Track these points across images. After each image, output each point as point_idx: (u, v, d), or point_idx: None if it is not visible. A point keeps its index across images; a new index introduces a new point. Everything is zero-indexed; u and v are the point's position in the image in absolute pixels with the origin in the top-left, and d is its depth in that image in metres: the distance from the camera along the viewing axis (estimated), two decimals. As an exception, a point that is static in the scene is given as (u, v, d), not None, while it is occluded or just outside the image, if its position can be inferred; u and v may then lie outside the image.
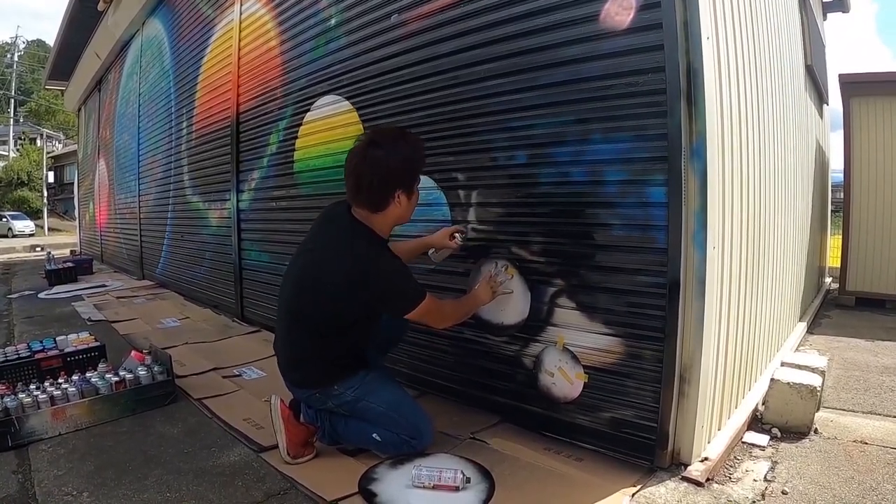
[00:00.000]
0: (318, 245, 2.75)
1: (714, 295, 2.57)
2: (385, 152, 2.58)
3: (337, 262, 2.59)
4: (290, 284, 2.79)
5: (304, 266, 2.74)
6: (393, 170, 2.59)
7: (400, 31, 3.63)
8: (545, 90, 2.86)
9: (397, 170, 2.61)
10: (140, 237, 9.63)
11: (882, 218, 7.27)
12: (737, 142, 2.87)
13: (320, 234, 2.80)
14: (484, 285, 3.00)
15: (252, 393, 3.62)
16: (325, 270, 2.61)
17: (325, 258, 2.65)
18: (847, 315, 6.81)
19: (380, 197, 2.63)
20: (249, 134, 5.66)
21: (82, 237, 15.76)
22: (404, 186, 2.65)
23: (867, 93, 7.42)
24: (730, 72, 2.76)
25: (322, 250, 2.69)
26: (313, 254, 2.73)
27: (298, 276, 2.74)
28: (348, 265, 2.56)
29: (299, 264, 2.78)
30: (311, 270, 2.68)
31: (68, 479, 2.58)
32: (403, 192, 2.65)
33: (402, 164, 2.62)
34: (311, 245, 2.79)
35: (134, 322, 6.00)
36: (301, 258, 2.80)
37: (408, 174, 2.67)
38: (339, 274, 2.57)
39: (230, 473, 2.64)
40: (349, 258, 2.57)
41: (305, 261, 2.76)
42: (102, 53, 11.12)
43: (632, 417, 2.67)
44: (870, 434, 3.11)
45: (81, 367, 3.64)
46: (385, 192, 2.62)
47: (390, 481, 2.51)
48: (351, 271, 2.55)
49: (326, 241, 2.73)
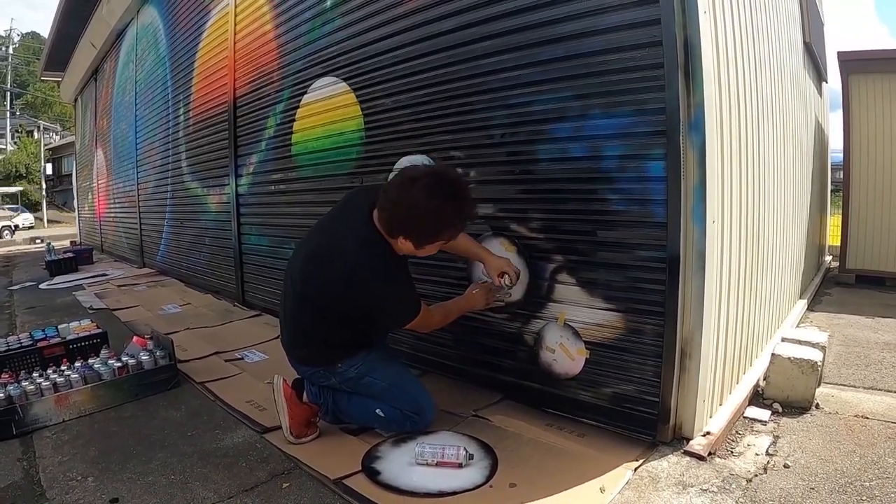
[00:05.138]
0: (331, 230, 2.69)
1: (714, 269, 2.56)
2: (415, 198, 2.37)
3: (341, 257, 2.54)
4: (299, 266, 2.73)
5: (315, 249, 2.69)
6: (409, 217, 2.42)
7: (396, 10, 3.60)
8: (544, 66, 2.84)
9: (414, 221, 2.43)
10: (139, 225, 9.63)
11: (882, 194, 7.25)
12: (735, 116, 2.85)
13: (335, 220, 2.74)
14: (482, 293, 2.96)
15: (254, 375, 3.63)
16: (333, 258, 2.57)
17: (335, 246, 2.59)
18: (847, 292, 6.81)
19: (390, 228, 2.50)
20: (247, 118, 5.64)
21: (82, 227, 15.75)
22: (415, 239, 2.49)
23: (866, 70, 7.39)
24: (727, 46, 2.74)
25: (335, 237, 2.64)
26: (325, 238, 2.67)
27: (308, 258, 2.70)
28: (347, 269, 2.52)
29: (311, 245, 2.73)
30: (320, 256, 2.64)
31: (73, 465, 2.59)
32: (412, 241, 2.49)
33: (423, 219, 2.41)
34: (324, 228, 2.73)
35: (135, 309, 6.01)
36: (313, 240, 2.74)
37: (424, 232, 2.48)
38: (339, 273, 2.53)
39: (234, 455, 2.66)
40: (350, 260, 2.52)
41: (317, 243, 2.70)
42: (98, 43, 11.06)
43: (633, 392, 2.68)
44: (871, 409, 3.11)
45: (84, 354, 3.65)
46: (394, 228, 2.48)
47: (393, 459, 2.52)
48: (347, 278, 2.52)
49: (339, 228, 2.67)
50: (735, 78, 2.86)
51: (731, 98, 2.78)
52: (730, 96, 2.76)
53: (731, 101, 2.79)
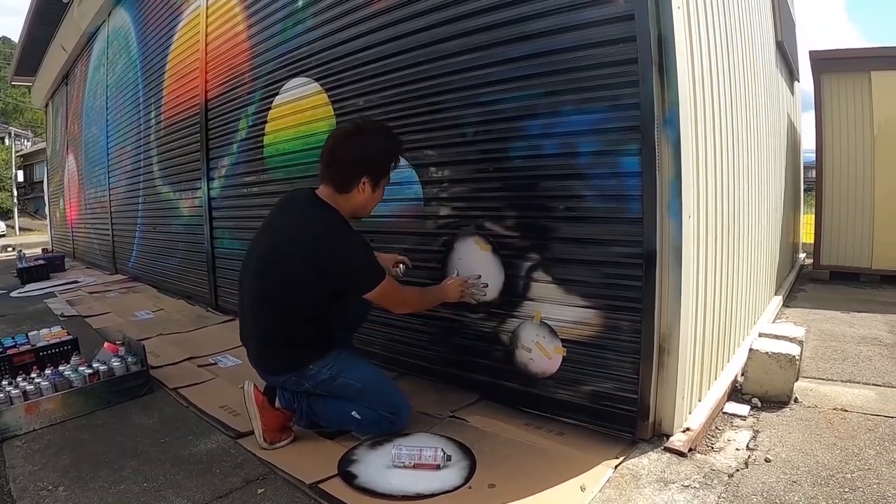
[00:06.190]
0: (278, 227, 2.73)
1: (691, 264, 2.56)
2: (366, 139, 2.67)
3: (301, 239, 2.56)
4: (251, 271, 2.74)
5: (267, 249, 2.69)
6: (368, 155, 2.65)
7: (367, 10, 3.58)
8: (515, 63, 2.83)
9: (372, 156, 2.67)
10: (111, 231, 9.48)
11: (855, 190, 7.36)
12: (710, 111, 2.85)
13: (280, 217, 2.78)
14: (455, 284, 3.00)
15: (228, 380, 3.58)
16: (290, 249, 2.57)
17: (288, 237, 2.61)
18: (822, 288, 6.89)
19: (348, 177, 2.65)
20: (218, 121, 5.58)
21: (53, 235, 15.52)
22: (373, 175, 2.68)
23: (838, 69, 7.50)
24: (701, 41, 2.75)
25: (284, 230, 2.68)
26: (275, 235, 2.70)
27: (262, 258, 2.70)
28: (312, 240, 2.54)
29: (260, 249, 2.74)
30: (275, 251, 2.64)
31: (44, 474, 2.53)
32: (370, 180, 2.68)
33: (378, 152, 2.69)
34: (271, 228, 2.76)
35: (107, 316, 5.92)
36: (261, 242, 2.76)
37: (380, 164, 2.71)
38: (303, 249, 2.53)
39: (207, 461, 2.61)
40: (313, 232, 2.56)
41: (267, 243, 2.72)
42: (69, 46, 10.91)
43: (612, 390, 2.66)
44: (850, 402, 3.13)
45: (54, 362, 3.56)
46: (354, 173, 2.64)
47: (370, 462, 2.49)
48: (315, 246, 2.52)
49: (288, 221, 2.71)
50: (709, 73, 2.86)
51: (705, 93, 2.78)
52: (704, 91, 2.76)
53: (706, 96, 2.79)
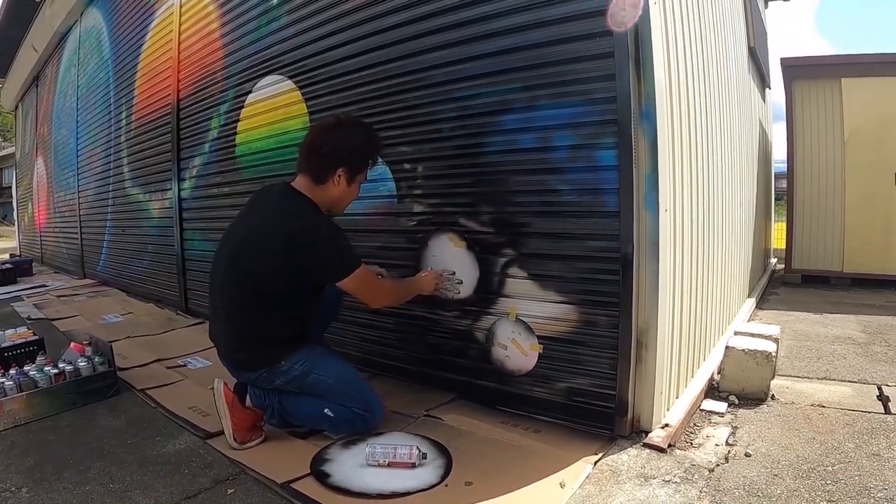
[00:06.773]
0: (251, 220, 2.71)
1: (668, 258, 2.55)
2: (346, 131, 2.70)
3: (275, 228, 2.54)
4: (223, 268, 2.70)
5: (238, 244, 2.66)
6: (346, 147, 2.66)
7: (341, 7, 3.55)
8: (490, 59, 2.82)
9: (350, 149, 2.67)
10: (80, 235, 9.29)
11: (826, 195, 7.48)
12: (685, 106, 2.87)
13: (252, 211, 2.76)
14: (430, 277, 3.01)
15: (197, 382, 3.51)
16: (264, 240, 2.54)
17: (262, 228, 2.60)
18: (794, 291, 6.99)
19: (325, 167, 2.64)
20: (190, 120, 5.50)
21: (22, 240, 15.18)
22: (349, 168, 2.67)
23: (809, 76, 7.63)
24: (677, 37, 2.76)
25: (258, 221, 2.66)
26: (248, 229, 2.67)
27: (233, 254, 2.65)
28: (287, 228, 2.52)
29: (231, 244, 2.70)
30: (248, 245, 2.60)
31: (6, 476, 2.44)
32: (346, 173, 2.67)
33: (356, 145, 2.70)
34: (245, 224, 2.73)
35: (75, 319, 5.78)
36: (232, 238, 2.72)
37: (357, 157, 2.71)
38: (278, 238, 2.50)
39: (176, 462, 2.54)
40: (287, 221, 2.54)
41: (238, 239, 2.68)
42: (40, 47, 10.71)
43: (589, 386, 2.64)
44: (827, 398, 3.15)
45: (19, 362, 3.45)
46: (331, 163, 2.63)
47: (343, 461, 2.44)
48: (291, 234, 2.50)
49: (261, 213, 2.70)
50: (685, 68, 2.88)
51: (680, 88, 2.79)
52: (679, 87, 2.78)
53: (681, 90, 2.81)
